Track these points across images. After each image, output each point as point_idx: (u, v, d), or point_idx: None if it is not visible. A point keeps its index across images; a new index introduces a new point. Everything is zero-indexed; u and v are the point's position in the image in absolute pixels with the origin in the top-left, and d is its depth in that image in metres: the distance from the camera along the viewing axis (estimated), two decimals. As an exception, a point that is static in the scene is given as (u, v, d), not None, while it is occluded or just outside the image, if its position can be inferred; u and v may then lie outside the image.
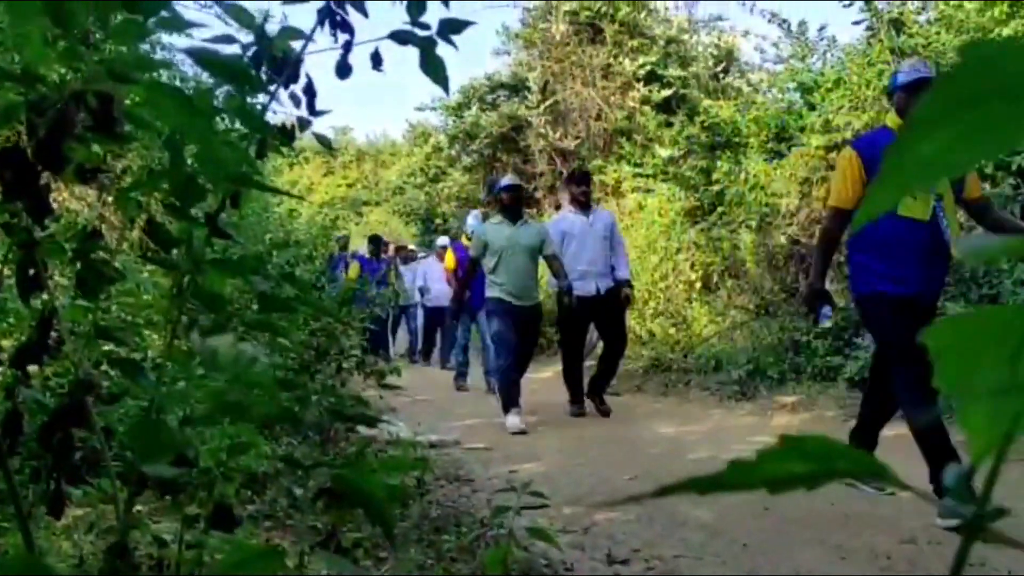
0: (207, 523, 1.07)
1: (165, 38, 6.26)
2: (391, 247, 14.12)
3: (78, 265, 1.15)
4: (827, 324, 5.01)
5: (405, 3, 1.21)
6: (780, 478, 0.27)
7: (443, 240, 12.76)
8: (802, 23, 10.02)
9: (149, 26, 0.79)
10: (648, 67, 14.25)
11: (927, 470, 3.42)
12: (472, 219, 9.40)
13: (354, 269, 11.24)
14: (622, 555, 3.09)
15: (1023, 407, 0.26)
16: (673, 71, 14.27)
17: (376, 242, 12.61)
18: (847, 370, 7.29)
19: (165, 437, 0.74)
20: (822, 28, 9.85)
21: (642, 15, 14.78)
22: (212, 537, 1.45)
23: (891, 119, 4.01)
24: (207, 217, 1.04)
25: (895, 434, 5.15)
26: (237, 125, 1.15)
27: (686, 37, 14.96)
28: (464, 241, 9.49)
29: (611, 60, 14.43)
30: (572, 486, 4.20)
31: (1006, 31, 7.10)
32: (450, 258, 10.08)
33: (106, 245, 1.17)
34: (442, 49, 1.28)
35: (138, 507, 2.37)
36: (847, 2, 8.60)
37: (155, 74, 1.11)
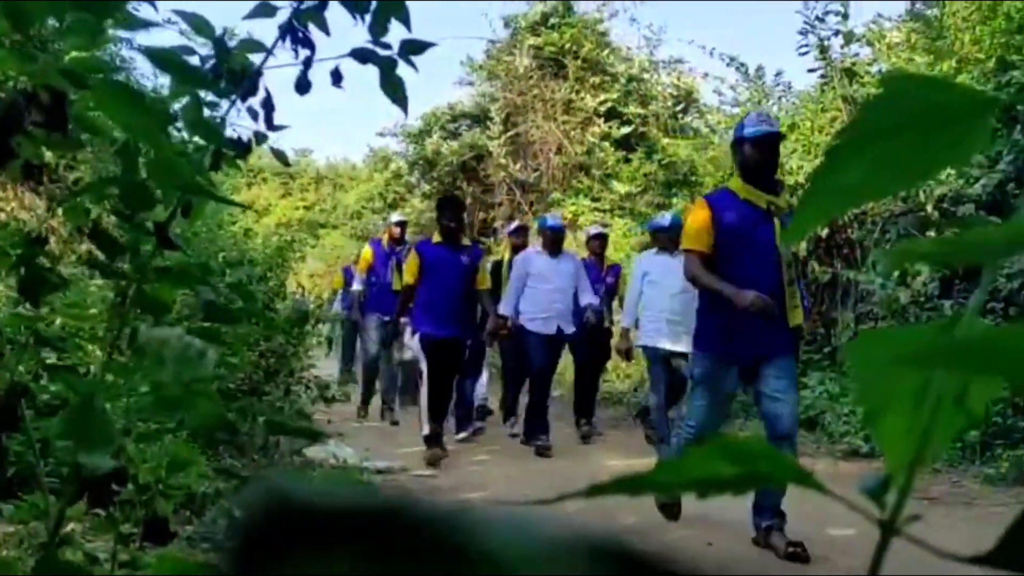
0: (141, 537, 1.04)
1: (125, 52, 6.21)
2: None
3: (21, 271, 1.13)
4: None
5: (367, 22, 1.22)
6: (708, 480, 0.28)
7: (554, 219, 7.17)
8: (759, 68, 10.28)
9: (104, 25, 0.79)
10: (609, 104, 14.47)
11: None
12: None
13: (412, 264, 6.11)
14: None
15: (935, 422, 0.28)
16: (633, 109, 14.51)
17: (452, 207, 6.24)
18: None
19: (101, 427, 0.73)
20: (778, 74, 10.11)
21: (604, 53, 15.02)
22: (147, 555, 1.41)
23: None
24: (156, 226, 1.03)
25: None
26: (195, 138, 1.14)
27: (647, 76, 15.23)
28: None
29: (573, 95, 14.62)
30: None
31: (953, 85, 7.33)
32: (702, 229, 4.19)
33: (50, 252, 1.15)
34: (404, 72, 1.29)
35: (71, 525, 2.30)
36: (803, 50, 8.85)
37: (111, 78, 1.10)
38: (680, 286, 5.49)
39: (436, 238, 6.18)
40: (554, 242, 6.91)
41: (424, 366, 6.03)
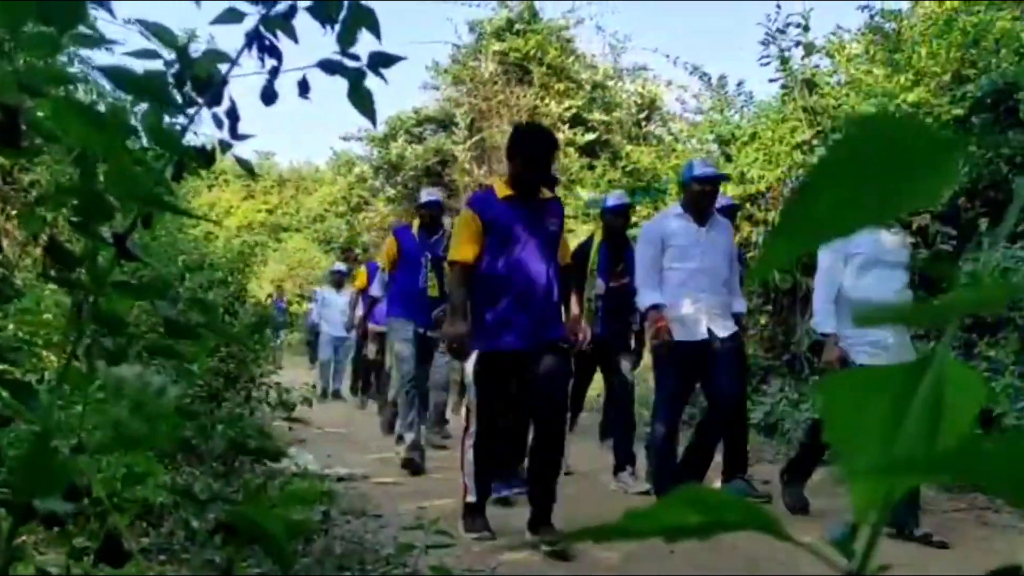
0: (96, 556, 1.02)
1: (84, 52, 6.10)
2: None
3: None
4: None
5: (336, 32, 1.21)
6: (676, 527, 0.28)
7: (705, 166, 4.91)
8: (722, 77, 10.38)
9: (64, 41, 0.77)
10: (573, 110, 14.55)
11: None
12: None
13: (466, 229, 3.97)
14: (528, 595, 3.07)
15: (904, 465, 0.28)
16: (597, 116, 14.61)
17: (539, 143, 3.94)
18: (754, 416, 7.48)
19: (56, 468, 0.71)
20: (740, 84, 10.23)
21: (569, 60, 15.10)
22: (100, 571, 1.38)
23: None
24: (116, 237, 1.01)
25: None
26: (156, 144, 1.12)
27: (611, 84, 15.34)
28: None
29: (538, 101, 14.68)
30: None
31: (911, 97, 7.50)
32: None
33: (5, 260, 1.12)
34: (370, 81, 1.28)
35: (22, 537, 2.25)
36: (764, 61, 8.96)
37: (68, 88, 1.08)
38: (906, 276, 4.21)
39: (502, 190, 3.86)
40: (704, 198, 4.56)
41: (473, 400, 3.83)
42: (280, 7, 1.16)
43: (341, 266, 13.14)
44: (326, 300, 11.98)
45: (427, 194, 6.46)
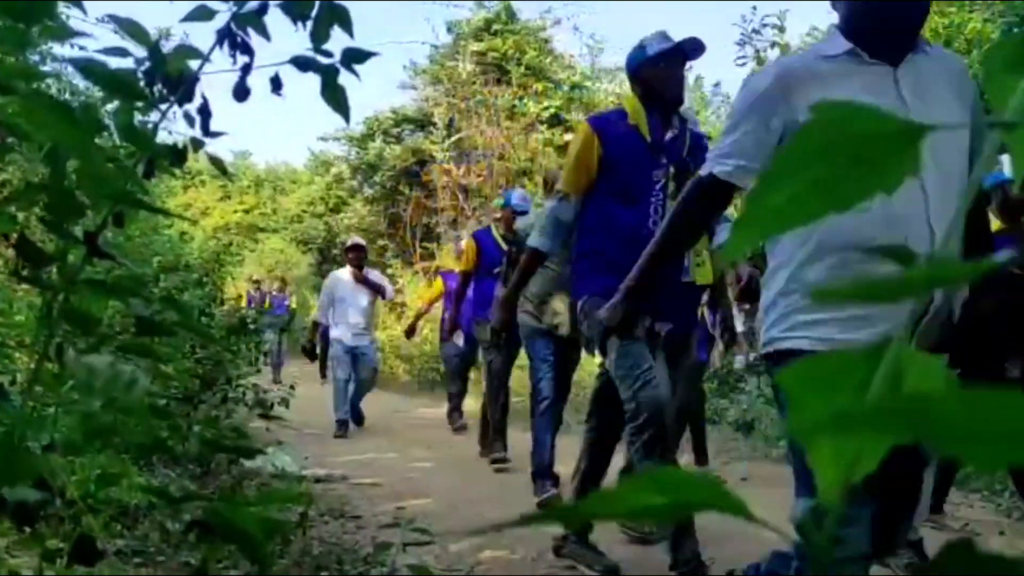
0: (69, 557, 1.01)
1: (57, 49, 6.04)
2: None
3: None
4: None
5: (309, 29, 1.21)
6: (640, 508, 0.28)
7: None
8: (699, 78, 10.46)
9: (32, 35, 0.76)
10: (552, 110, 14.57)
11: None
12: None
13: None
14: (507, 594, 3.07)
15: (863, 447, 0.28)
16: (576, 116, 14.64)
17: None
18: (730, 413, 7.55)
19: (25, 462, 0.70)
20: (717, 84, 10.31)
21: (547, 60, 15.12)
22: (74, 572, 1.37)
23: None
24: (87, 236, 1.00)
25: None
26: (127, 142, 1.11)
27: (589, 84, 15.38)
28: None
29: (516, 102, 14.70)
30: (462, 523, 4.16)
31: (884, 98, 7.56)
32: None
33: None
34: (346, 79, 1.28)
35: (-5, 540, 2.22)
36: (741, 61, 9.03)
37: (41, 85, 1.07)
38: None
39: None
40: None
41: None
42: (251, 4, 1.15)
43: (360, 239, 8.34)
44: (340, 290, 7.64)
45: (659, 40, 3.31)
